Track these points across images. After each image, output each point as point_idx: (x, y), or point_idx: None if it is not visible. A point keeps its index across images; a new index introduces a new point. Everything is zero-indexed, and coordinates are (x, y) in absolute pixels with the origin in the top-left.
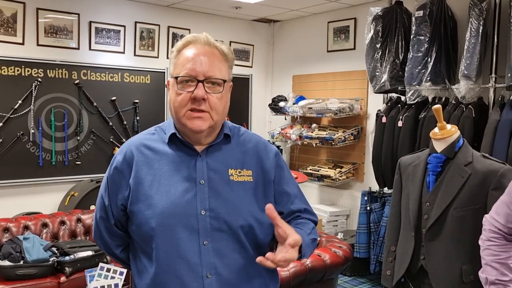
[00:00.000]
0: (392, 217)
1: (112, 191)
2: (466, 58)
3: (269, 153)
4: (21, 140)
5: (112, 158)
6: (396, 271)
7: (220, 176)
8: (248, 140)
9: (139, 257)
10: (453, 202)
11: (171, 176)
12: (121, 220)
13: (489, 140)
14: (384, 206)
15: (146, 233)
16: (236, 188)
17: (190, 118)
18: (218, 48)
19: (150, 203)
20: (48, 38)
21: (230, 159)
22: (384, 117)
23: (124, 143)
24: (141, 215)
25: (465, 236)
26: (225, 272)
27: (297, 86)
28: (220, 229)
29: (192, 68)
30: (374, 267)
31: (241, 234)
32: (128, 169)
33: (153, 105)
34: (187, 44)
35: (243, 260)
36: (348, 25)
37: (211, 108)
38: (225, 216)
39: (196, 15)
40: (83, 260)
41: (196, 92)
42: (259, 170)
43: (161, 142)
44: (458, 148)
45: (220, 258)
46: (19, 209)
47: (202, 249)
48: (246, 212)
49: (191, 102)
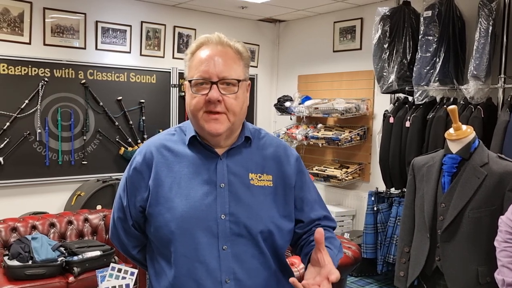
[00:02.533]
0: (405, 217)
1: (130, 192)
2: (475, 58)
3: (290, 157)
4: (27, 139)
5: (132, 159)
6: (411, 272)
7: (240, 180)
8: (268, 144)
9: (157, 260)
10: (469, 203)
11: (191, 179)
12: (139, 221)
13: (498, 141)
14: (391, 206)
15: (165, 236)
16: (256, 193)
17: (207, 121)
18: (231, 46)
19: (170, 206)
20: (55, 37)
21: (251, 163)
22: (391, 117)
23: (143, 143)
24: (161, 218)
25: (481, 237)
26: (244, 277)
27: (303, 86)
28: (239, 234)
29: (205, 70)
30: (381, 267)
31: (260, 239)
32: (147, 170)
33: (159, 105)
34: (200, 46)
35: (261, 265)
36: (354, 25)
37: (228, 109)
38: (245, 221)
39: (202, 15)
40: (91, 260)
41: (211, 94)
42: (280, 175)
43: (181, 144)
44: (473, 149)
45: (239, 263)
46: (25, 208)
47: (221, 254)
48: (266, 218)
49: (206, 105)
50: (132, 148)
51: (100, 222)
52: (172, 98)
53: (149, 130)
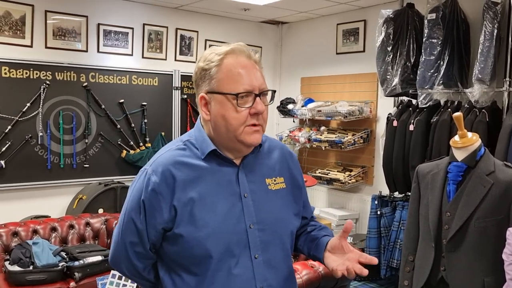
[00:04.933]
0: (410, 225)
1: (150, 214)
2: (480, 61)
3: (293, 158)
4: (29, 143)
5: (142, 179)
6: (415, 282)
7: (260, 187)
8: (273, 147)
9: (180, 276)
10: (475, 212)
11: (216, 193)
12: (156, 244)
13: (503, 145)
14: (394, 210)
15: (199, 254)
16: (274, 197)
17: (249, 133)
18: (253, 58)
19: (201, 224)
20: (57, 40)
21: (264, 168)
22: (395, 121)
23: (153, 162)
24: (191, 237)
25: (487, 247)
26: (275, 282)
27: (306, 88)
28: (268, 241)
29: (250, 83)
30: (385, 272)
31: (286, 241)
32: (167, 190)
33: (161, 108)
34: (226, 56)
35: (288, 268)
36: (357, 27)
37: (264, 120)
38: (271, 227)
39: (204, 17)
40: (93, 265)
41: (259, 107)
42: (288, 175)
43: (196, 158)
44: (479, 157)
45: (270, 269)
46: (27, 212)
47: (254, 263)
48: (287, 220)
49: (251, 117)
50: (134, 151)
51: (102, 226)
52: (174, 101)
53: (151, 133)
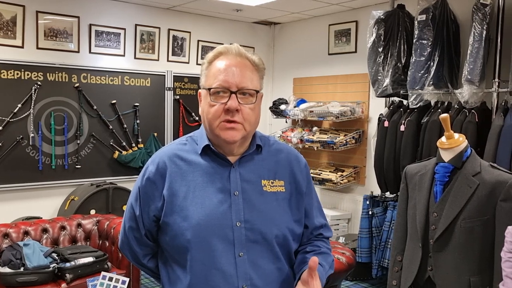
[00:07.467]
0: (398, 226)
1: (144, 201)
2: (469, 62)
3: (300, 163)
4: (20, 144)
5: (144, 168)
6: (403, 281)
7: (253, 187)
8: (279, 150)
9: (172, 267)
10: (461, 213)
11: (205, 187)
12: (151, 231)
13: (492, 145)
14: (386, 210)
15: (181, 244)
16: (269, 199)
17: (223, 129)
18: (249, 59)
19: (186, 214)
20: (48, 41)
21: (263, 169)
22: (386, 121)
23: (155, 154)
24: (176, 227)
25: (473, 247)
26: (260, 283)
27: (298, 89)
28: (255, 241)
29: (225, 80)
30: (376, 271)
31: (275, 245)
32: (161, 180)
33: (153, 108)
34: (218, 55)
35: (277, 270)
36: (349, 28)
37: (244, 119)
38: (260, 227)
39: (197, 18)
40: (84, 266)
41: (230, 103)
42: (292, 180)
43: (193, 153)
44: (466, 158)
45: (255, 269)
46: (18, 213)
47: (238, 261)
48: (280, 223)
49: (225, 113)
50: (126, 152)
51: (94, 227)
52: (166, 101)
53: (143, 133)
